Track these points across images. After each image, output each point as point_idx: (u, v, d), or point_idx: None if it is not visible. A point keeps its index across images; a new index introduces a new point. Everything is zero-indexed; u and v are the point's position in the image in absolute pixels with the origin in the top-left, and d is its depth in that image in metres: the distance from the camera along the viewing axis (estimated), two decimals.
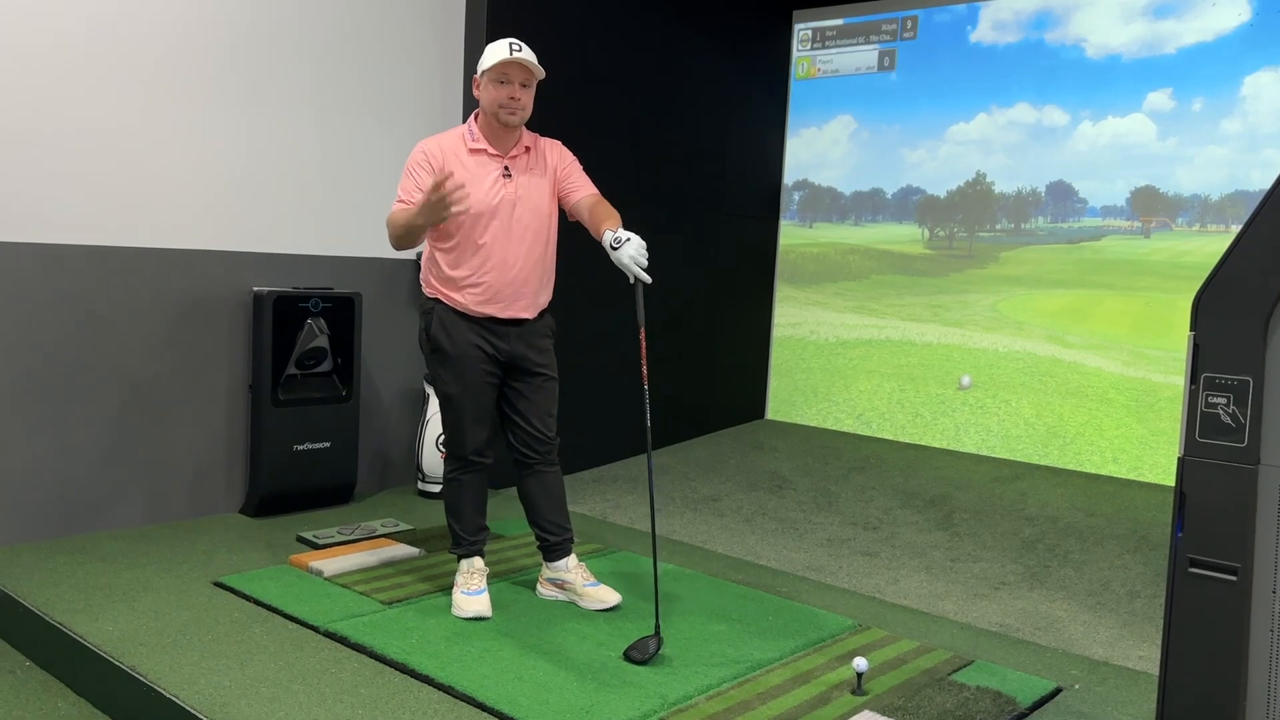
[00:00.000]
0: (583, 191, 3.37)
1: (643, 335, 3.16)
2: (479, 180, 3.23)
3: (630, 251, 3.07)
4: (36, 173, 3.85)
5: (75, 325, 3.99)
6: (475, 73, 3.26)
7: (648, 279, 3.10)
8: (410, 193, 3.22)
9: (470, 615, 3.29)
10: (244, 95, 4.38)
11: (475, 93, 3.27)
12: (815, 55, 6.60)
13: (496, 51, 3.18)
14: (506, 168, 3.27)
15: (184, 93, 4.21)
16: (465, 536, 3.45)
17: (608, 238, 3.13)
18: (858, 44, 6.42)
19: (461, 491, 3.42)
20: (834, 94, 6.53)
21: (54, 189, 3.90)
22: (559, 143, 3.45)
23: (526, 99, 3.24)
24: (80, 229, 3.98)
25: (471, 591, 3.35)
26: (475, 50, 5.05)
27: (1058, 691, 2.97)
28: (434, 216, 3.10)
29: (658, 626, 3.06)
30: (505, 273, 3.27)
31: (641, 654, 2.97)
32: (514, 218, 3.27)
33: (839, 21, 6.49)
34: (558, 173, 3.38)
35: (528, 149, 3.33)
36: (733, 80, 6.33)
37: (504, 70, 3.18)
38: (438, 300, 3.34)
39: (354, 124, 4.75)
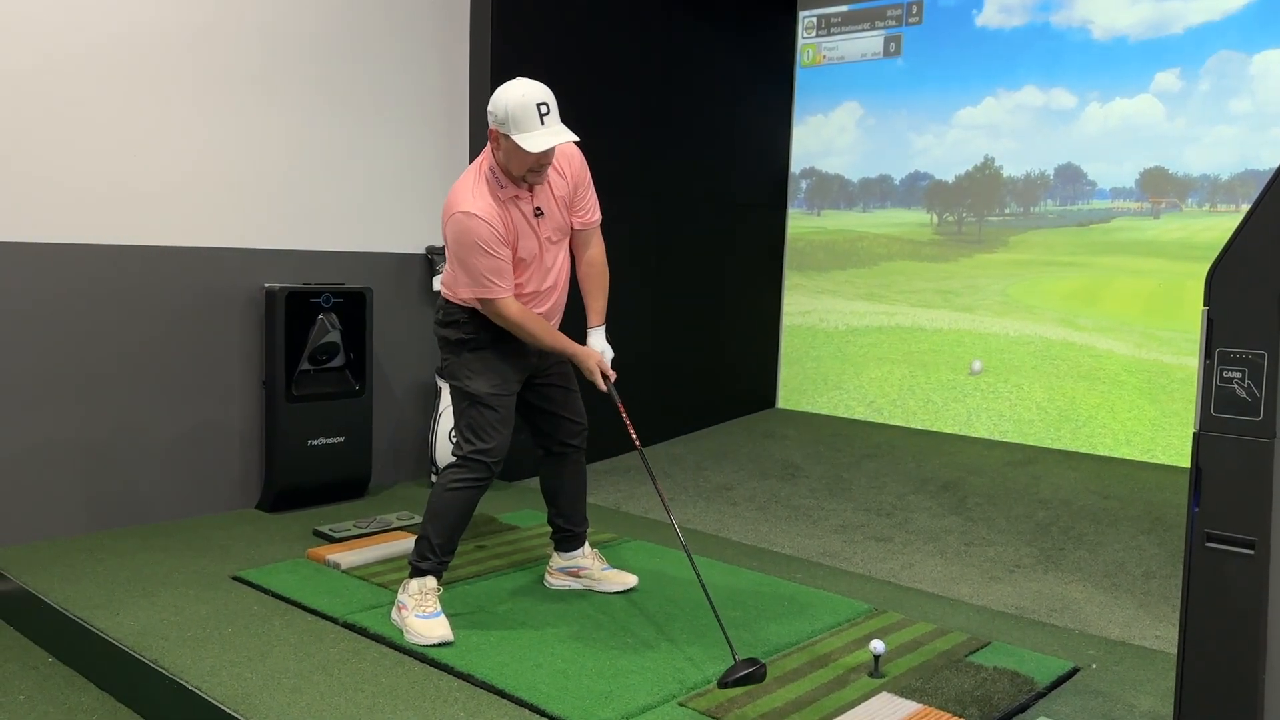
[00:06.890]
0: (588, 222, 3.29)
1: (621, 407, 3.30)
2: (525, 230, 3.11)
3: (607, 359, 3.31)
4: (50, 172, 3.87)
5: (90, 324, 4.01)
6: (489, 121, 2.97)
7: (603, 388, 3.28)
8: (501, 275, 3.03)
9: (436, 641, 2.98)
10: (254, 93, 4.40)
11: (491, 143, 3.02)
12: (821, 42, 6.59)
13: (527, 121, 2.90)
14: (538, 208, 3.13)
15: (195, 91, 4.22)
16: (438, 554, 3.15)
17: (600, 340, 3.36)
18: (863, 30, 6.41)
19: (464, 501, 3.15)
20: (840, 81, 6.52)
21: (67, 188, 3.92)
22: (577, 152, 3.22)
23: (551, 159, 3.07)
24: (92, 227, 4.00)
25: (429, 614, 3.04)
26: (481, 46, 5.06)
27: (1075, 671, 2.97)
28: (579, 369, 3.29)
29: (732, 652, 2.80)
30: (539, 307, 3.22)
31: (732, 674, 2.63)
32: (545, 252, 3.18)
33: (844, 8, 6.47)
34: (576, 191, 3.22)
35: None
36: (738, 69, 6.32)
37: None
38: (474, 310, 3.17)
39: (363, 121, 4.76)
